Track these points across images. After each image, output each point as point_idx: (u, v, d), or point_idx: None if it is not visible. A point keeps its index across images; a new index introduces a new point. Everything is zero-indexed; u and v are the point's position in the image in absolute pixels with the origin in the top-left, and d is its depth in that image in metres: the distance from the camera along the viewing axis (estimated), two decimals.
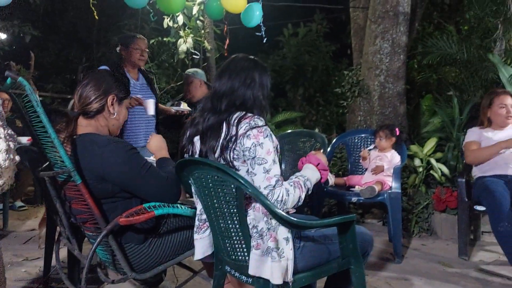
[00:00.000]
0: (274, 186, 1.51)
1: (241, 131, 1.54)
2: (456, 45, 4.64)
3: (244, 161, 1.57)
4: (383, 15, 4.43)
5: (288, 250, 1.54)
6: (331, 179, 3.29)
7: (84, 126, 1.78)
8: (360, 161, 3.38)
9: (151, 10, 3.67)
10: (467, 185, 3.08)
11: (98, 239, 1.67)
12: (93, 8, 3.29)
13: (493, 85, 4.33)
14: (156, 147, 2.01)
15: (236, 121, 1.57)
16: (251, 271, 1.53)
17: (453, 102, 4.16)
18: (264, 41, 4.09)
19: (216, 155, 1.60)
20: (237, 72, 1.69)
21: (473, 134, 3.17)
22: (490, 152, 2.97)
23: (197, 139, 1.69)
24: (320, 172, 1.73)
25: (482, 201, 2.89)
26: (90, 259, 1.71)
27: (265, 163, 1.52)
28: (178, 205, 1.82)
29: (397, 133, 3.24)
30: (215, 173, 1.53)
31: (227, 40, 4.52)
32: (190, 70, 3.87)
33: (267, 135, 1.55)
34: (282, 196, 1.52)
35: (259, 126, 1.54)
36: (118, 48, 3.24)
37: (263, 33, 4.09)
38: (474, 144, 3.09)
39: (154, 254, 1.80)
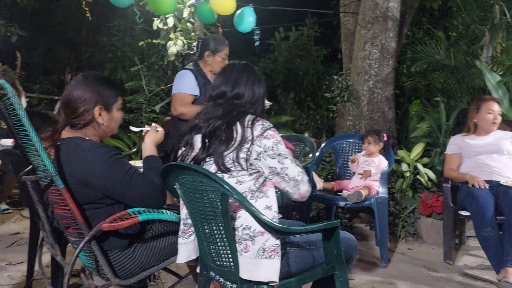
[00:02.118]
0: (303, 171, 1.67)
1: (256, 133, 1.58)
2: (443, 51, 4.69)
3: (252, 164, 1.59)
4: (373, 20, 4.47)
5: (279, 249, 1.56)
6: (319, 183, 3.34)
7: (71, 132, 1.75)
8: (349, 163, 3.40)
9: (137, 12, 3.66)
10: (452, 190, 3.11)
11: (81, 245, 1.65)
12: (86, 8, 3.27)
13: (479, 91, 4.39)
14: (153, 142, 1.95)
15: (250, 123, 1.61)
16: (245, 276, 1.53)
17: (440, 107, 4.21)
18: (256, 44, 4.11)
19: (226, 159, 1.58)
20: (251, 84, 1.73)
21: (453, 144, 3.26)
22: (460, 179, 3.10)
23: (197, 143, 1.68)
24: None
25: (466, 206, 2.92)
26: (72, 264, 1.69)
27: (288, 156, 1.63)
28: (163, 210, 1.81)
29: (385, 139, 3.27)
30: (200, 179, 1.52)
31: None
32: None
33: (279, 135, 1.66)
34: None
35: (272, 127, 1.63)
36: (206, 53, 3.04)
37: (257, 38, 4.10)
38: (452, 160, 3.23)
39: (138, 260, 1.78)
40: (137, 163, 2.18)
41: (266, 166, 1.60)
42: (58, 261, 1.92)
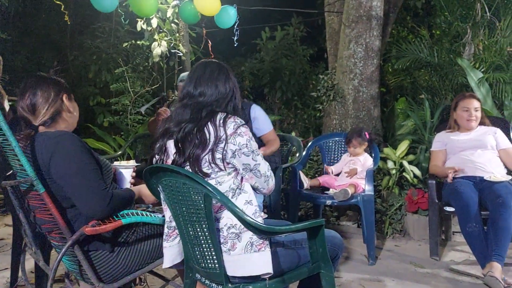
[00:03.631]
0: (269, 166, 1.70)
1: (229, 131, 1.58)
2: (427, 49, 4.74)
3: (229, 163, 1.59)
4: (357, 19, 4.50)
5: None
6: (306, 183, 3.35)
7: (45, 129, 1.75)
8: (328, 170, 3.41)
9: (122, 13, 3.63)
10: (437, 187, 3.14)
11: (63, 250, 1.63)
12: (65, 11, 3.23)
13: (462, 88, 4.44)
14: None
15: (221, 121, 1.59)
16: (236, 273, 1.53)
17: (425, 105, 4.25)
18: (236, 45, 4.12)
19: (203, 162, 1.57)
20: (223, 82, 1.70)
21: (438, 141, 3.30)
22: (443, 174, 3.11)
23: (171, 148, 1.67)
24: None
25: (451, 202, 2.95)
26: (54, 270, 1.67)
27: (259, 152, 1.66)
28: (148, 213, 1.80)
29: (367, 137, 3.29)
30: (183, 181, 1.52)
31: (209, 43, 4.51)
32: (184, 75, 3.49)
33: (250, 131, 1.65)
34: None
35: (244, 124, 1.62)
36: None
37: (236, 36, 4.10)
38: (437, 157, 3.25)
39: (122, 263, 1.77)
40: (123, 162, 2.15)
41: (240, 163, 1.61)
42: (41, 266, 1.89)
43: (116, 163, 2.12)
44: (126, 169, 2.03)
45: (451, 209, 2.97)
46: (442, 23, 5.37)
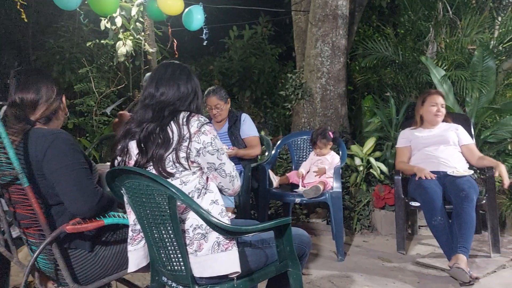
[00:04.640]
0: (234, 166, 1.69)
1: (193, 129, 1.55)
2: (392, 48, 4.83)
3: (194, 161, 1.57)
4: (323, 18, 4.54)
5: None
6: (275, 181, 3.36)
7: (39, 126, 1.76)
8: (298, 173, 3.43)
9: (82, 12, 3.52)
10: (403, 182, 3.21)
11: (41, 246, 1.61)
12: (21, 9, 3.11)
13: (426, 86, 4.55)
14: None
15: (185, 120, 1.57)
16: (204, 274, 1.52)
17: (390, 102, 4.34)
18: (205, 44, 4.08)
19: (167, 161, 1.54)
20: (184, 82, 1.68)
21: (403, 138, 3.37)
22: (410, 171, 3.17)
23: (133, 149, 1.63)
24: None
25: (416, 197, 3.03)
26: (30, 268, 1.64)
27: (224, 152, 1.64)
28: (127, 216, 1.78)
29: (331, 136, 3.33)
30: (147, 183, 1.48)
31: (175, 42, 4.45)
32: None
33: (215, 130, 1.64)
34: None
35: (208, 122, 1.60)
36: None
37: (205, 36, 4.07)
38: (403, 153, 3.33)
39: (100, 264, 1.76)
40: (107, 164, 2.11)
41: (205, 162, 1.59)
42: (15, 263, 1.84)
43: (100, 165, 2.10)
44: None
45: (417, 204, 3.04)
46: (406, 22, 5.49)
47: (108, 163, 2.05)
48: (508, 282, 2.59)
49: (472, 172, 3.06)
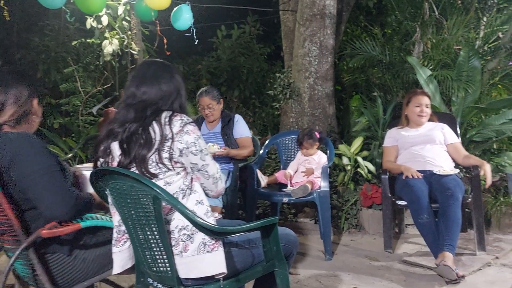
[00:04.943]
0: (219, 168, 1.67)
1: (176, 129, 1.53)
2: (379, 48, 4.86)
3: (177, 162, 1.55)
4: (311, 18, 4.54)
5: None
6: (263, 181, 3.35)
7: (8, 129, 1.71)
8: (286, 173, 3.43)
9: (68, 11, 3.48)
10: (390, 181, 3.23)
11: (16, 253, 1.58)
12: (4, 7, 3.05)
13: (413, 85, 4.58)
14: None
15: (167, 119, 1.55)
16: (190, 275, 1.50)
17: (377, 102, 4.36)
18: (196, 42, 4.07)
19: (150, 162, 1.52)
20: (166, 80, 1.65)
21: (389, 137, 3.39)
22: (397, 170, 3.18)
23: (115, 150, 1.61)
24: None
25: (403, 196, 3.04)
26: (6, 274, 1.61)
27: (208, 153, 1.62)
28: (108, 217, 1.76)
29: (317, 136, 3.33)
30: (131, 183, 1.47)
31: (165, 40, 4.41)
32: None
33: (198, 130, 1.61)
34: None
35: (191, 122, 1.57)
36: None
37: (194, 35, 4.05)
38: (390, 152, 3.34)
39: (79, 268, 1.72)
40: (86, 165, 2.08)
41: (188, 162, 1.57)
42: None
43: (79, 165, 2.06)
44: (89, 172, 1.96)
45: (403, 202, 3.06)
46: (393, 22, 5.53)
47: (90, 164, 2.03)
48: (493, 280, 2.62)
49: (458, 171, 3.09)
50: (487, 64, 4.57)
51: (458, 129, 3.42)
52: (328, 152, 3.44)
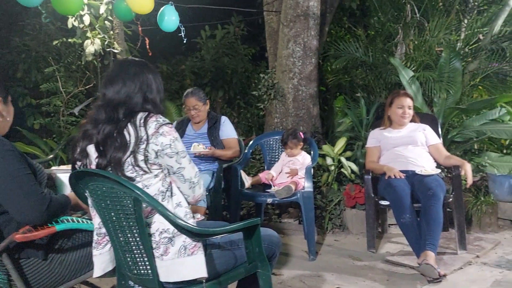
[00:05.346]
0: (198, 172, 1.63)
1: (151, 131, 1.50)
2: (362, 49, 4.90)
3: (154, 163, 1.52)
4: (295, 19, 4.55)
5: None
6: (247, 182, 3.34)
7: None
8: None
9: (44, 12, 3.41)
10: (373, 182, 3.25)
11: None
12: None
13: (395, 86, 4.63)
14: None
15: (142, 121, 1.52)
16: (170, 278, 1.48)
17: (361, 103, 4.39)
18: (185, 41, 4.05)
19: (126, 165, 1.50)
20: (131, 78, 1.61)
21: (372, 138, 3.42)
22: (380, 170, 3.22)
23: (92, 152, 1.58)
24: None
25: (386, 196, 3.07)
26: None
27: (186, 155, 1.58)
28: (84, 219, 1.73)
29: (302, 137, 3.34)
30: (111, 185, 1.45)
31: (147, 40, 4.36)
32: None
33: (175, 131, 1.57)
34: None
35: (167, 123, 1.54)
36: None
37: (183, 35, 4.03)
38: (372, 153, 3.37)
39: (56, 272, 1.69)
40: (62, 167, 2.03)
41: (164, 164, 1.55)
42: None
43: (55, 167, 2.01)
44: (66, 174, 1.91)
45: (386, 202, 3.08)
46: (376, 24, 5.58)
47: (68, 166, 1.99)
48: (474, 278, 2.66)
49: (439, 171, 3.13)
50: (468, 65, 4.64)
51: (439, 130, 3.47)
52: (312, 152, 3.46)
